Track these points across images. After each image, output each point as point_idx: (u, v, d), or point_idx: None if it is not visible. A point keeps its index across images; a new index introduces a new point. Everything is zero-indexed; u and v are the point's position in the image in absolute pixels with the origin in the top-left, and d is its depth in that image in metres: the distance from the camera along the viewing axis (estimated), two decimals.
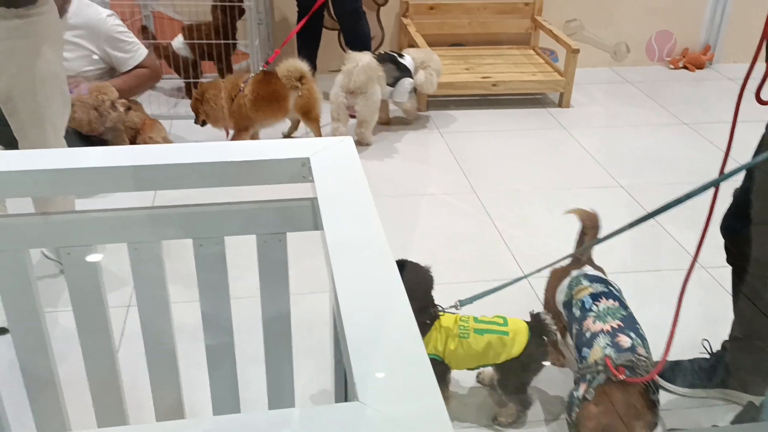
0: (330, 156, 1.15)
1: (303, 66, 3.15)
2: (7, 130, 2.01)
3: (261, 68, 3.17)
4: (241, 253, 1.37)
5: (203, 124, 3.23)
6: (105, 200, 2.59)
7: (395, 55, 3.48)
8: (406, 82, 3.43)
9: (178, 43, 3.70)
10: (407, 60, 3.44)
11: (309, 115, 3.23)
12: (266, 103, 3.14)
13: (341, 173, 1.11)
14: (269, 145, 1.19)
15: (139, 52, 3.08)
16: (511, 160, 3.30)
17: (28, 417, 1.27)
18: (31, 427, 1.29)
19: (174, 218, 1.20)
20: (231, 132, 3.25)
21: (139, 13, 3.85)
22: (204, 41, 3.69)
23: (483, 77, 3.86)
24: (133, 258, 1.19)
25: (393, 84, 3.40)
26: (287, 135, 3.47)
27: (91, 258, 1.18)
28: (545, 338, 1.79)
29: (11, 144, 2.19)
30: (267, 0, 3.96)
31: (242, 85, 3.11)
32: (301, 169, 1.15)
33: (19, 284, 1.16)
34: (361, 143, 3.32)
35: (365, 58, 3.20)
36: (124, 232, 1.18)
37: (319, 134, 3.29)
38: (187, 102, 3.66)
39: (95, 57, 3.00)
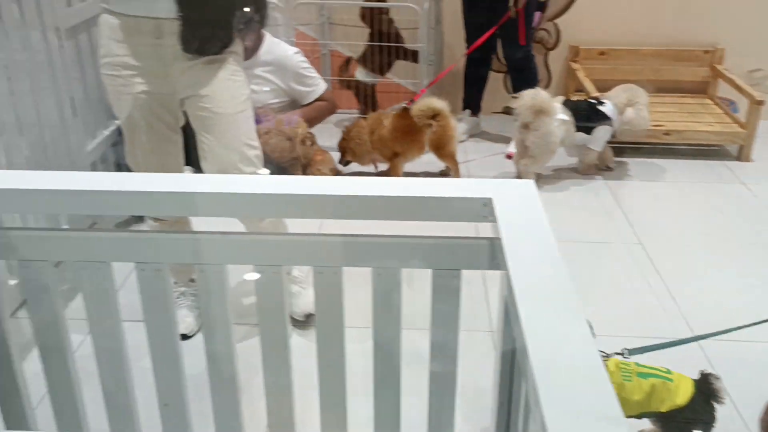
0: (513, 197, 1.16)
1: (438, 104, 3.24)
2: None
3: (403, 105, 3.36)
4: (414, 287, 1.41)
5: (347, 163, 3.45)
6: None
7: (593, 101, 3.44)
8: (602, 130, 3.38)
9: (361, 74, 3.91)
10: (607, 107, 3.39)
11: (441, 151, 3.34)
12: (402, 138, 3.30)
13: (524, 215, 1.12)
14: (451, 183, 1.22)
15: (319, 86, 3.28)
16: (681, 213, 3.13)
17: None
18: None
19: (355, 246, 1.26)
20: (379, 167, 3.42)
21: (318, 51, 4.10)
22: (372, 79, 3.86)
23: (655, 125, 3.71)
24: (317, 281, 1.26)
25: (589, 131, 3.36)
26: (446, 172, 3.53)
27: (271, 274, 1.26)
28: (714, 403, 1.67)
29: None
30: (438, 42, 4.08)
31: (384, 120, 3.31)
32: (482, 209, 1.17)
33: (216, 297, 1.27)
34: (521, 176, 3.31)
35: (536, 92, 3.21)
36: (311, 255, 1.26)
37: (456, 169, 3.39)
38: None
39: (281, 90, 3.24)
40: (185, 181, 1.24)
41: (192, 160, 2.13)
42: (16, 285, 2.22)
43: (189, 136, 2.05)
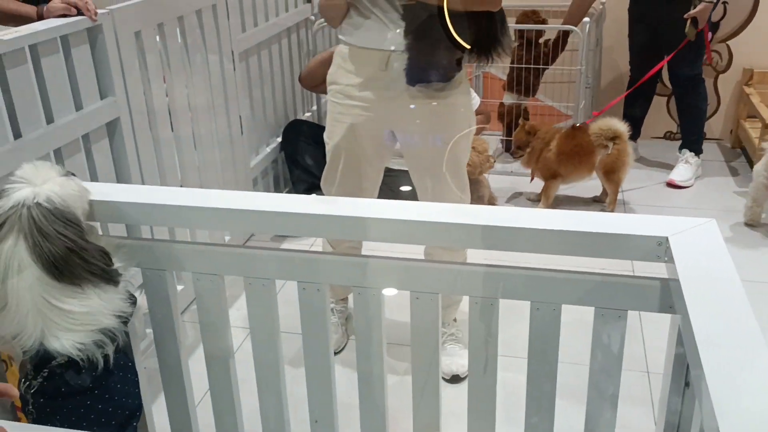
0: (692, 237, 1.08)
1: (620, 127, 3.09)
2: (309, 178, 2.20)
3: (574, 124, 3.24)
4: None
5: (519, 156, 3.36)
6: None
7: None
8: None
9: (508, 97, 3.84)
10: None
11: (612, 176, 3.17)
12: (569, 158, 3.17)
13: (707, 257, 1.03)
14: (624, 220, 1.15)
15: (475, 99, 3.27)
16: None
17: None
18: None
19: (512, 278, 1.22)
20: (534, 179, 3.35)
21: (470, 72, 4.10)
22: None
23: None
24: (472, 311, 1.24)
25: None
26: (599, 199, 3.38)
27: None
28: None
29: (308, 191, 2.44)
30: (597, 64, 3.94)
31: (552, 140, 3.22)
32: (656, 248, 1.09)
33: (371, 321, 1.28)
34: (751, 224, 3.09)
35: None
36: (467, 285, 1.24)
37: (614, 198, 3.21)
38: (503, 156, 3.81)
39: None
40: (356, 206, 1.26)
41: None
42: (182, 290, 2.39)
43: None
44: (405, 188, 2.14)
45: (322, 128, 3.48)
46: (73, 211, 1.12)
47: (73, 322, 1.07)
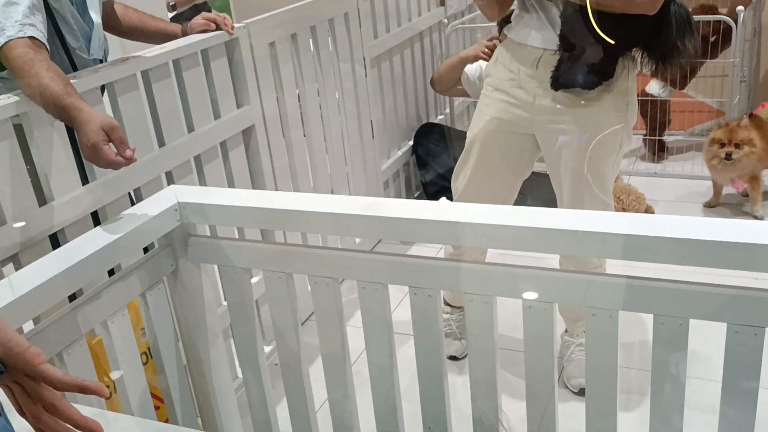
0: None
1: None
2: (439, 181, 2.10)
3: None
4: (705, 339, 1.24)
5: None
6: None
7: None
8: None
9: (656, 87, 3.59)
10: None
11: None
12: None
13: None
14: (753, 226, 1.04)
15: None
16: None
17: None
18: None
19: (634, 290, 1.15)
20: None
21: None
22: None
23: None
24: (590, 324, 1.18)
25: None
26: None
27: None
28: None
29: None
30: (755, 57, 3.62)
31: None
32: None
33: (482, 328, 1.26)
34: None
35: None
36: (585, 294, 1.18)
37: (756, 203, 2.95)
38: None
39: None
40: (481, 212, 1.24)
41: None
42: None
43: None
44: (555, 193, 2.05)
45: (454, 131, 3.50)
46: None
47: None
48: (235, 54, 2.13)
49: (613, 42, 1.67)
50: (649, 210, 2.98)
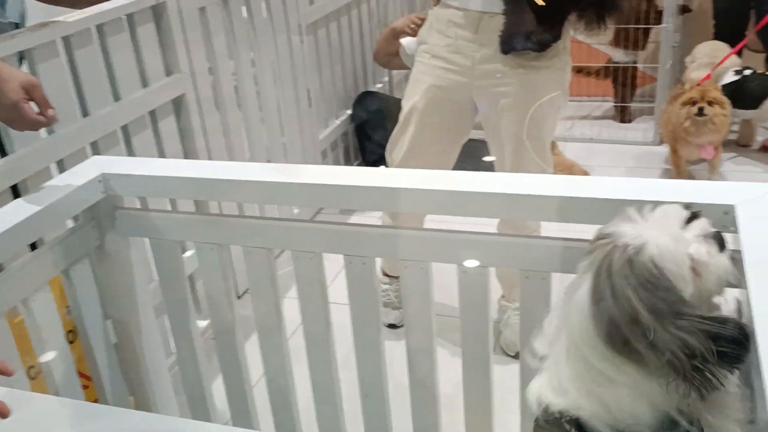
0: (761, 207, 0.98)
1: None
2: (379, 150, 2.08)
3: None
4: None
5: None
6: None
7: None
8: None
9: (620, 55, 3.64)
10: None
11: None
12: None
13: None
14: (689, 187, 1.06)
15: None
16: None
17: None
18: None
19: (570, 251, 1.16)
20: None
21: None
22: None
23: None
24: (524, 284, 1.19)
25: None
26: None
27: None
28: None
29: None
30: (683, 24, 3.70)
31: None
32: (722, 218, 1.00)
33: (418, 295, 1.25)
34: None
35: None
36: (519, 258, 1.18)
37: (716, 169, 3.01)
38: (589, 123, 3.64)
39: None
40: (419, 178, 1.22)
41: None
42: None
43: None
44: (488, 158, 2.04)
45: (394, 99, 3.47)
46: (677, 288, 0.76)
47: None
48: (163, 19, 2.04)
49: (558, 2, 1.67)
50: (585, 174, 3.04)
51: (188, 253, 2.01)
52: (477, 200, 1.14)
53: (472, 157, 2.47)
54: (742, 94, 3.05)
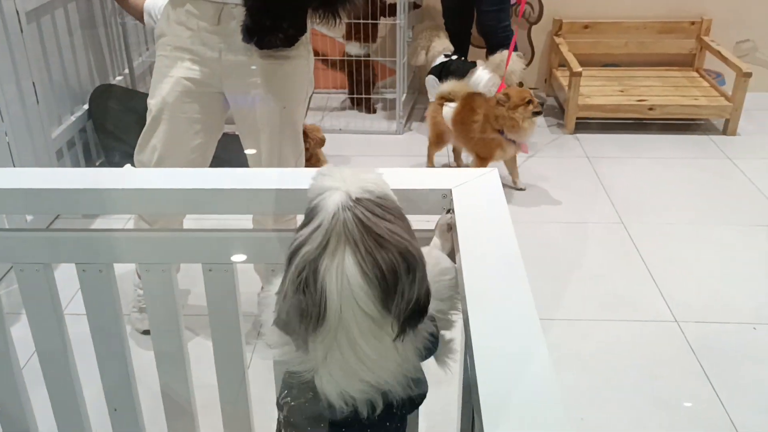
0: (474, 188, 1.09)
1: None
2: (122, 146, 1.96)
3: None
4: None
5: None
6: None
7: None
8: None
9: (355, 48, 3.79)
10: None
11: None
12: None
13: (483, 207, 1.05)
14: (412, 175, 1.15)
15: None
16: (665, 191, 3.08)
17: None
18: None
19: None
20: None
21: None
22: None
23: (638, 100, 3.64)
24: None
25: None
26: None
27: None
28: None
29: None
30: (419, 18, 3.98)
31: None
32: (442, 201, 1.10)
33: (161, 298, 1.20)
34: None
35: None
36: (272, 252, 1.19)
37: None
38: (337, 114, 3.76)
39: None
40: (170, 176, 1.16)
41: None
42: None
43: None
44: (250, 151, 2.00)
45: (135, 93, 3.28)
46: (395, 201, 0.82)
47: (359, 366, 0.79)
48: None
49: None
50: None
51: None
52: (228, 197, 1.12)
53: (227, 152, 2.43)
54: (446, 74, 3.45)
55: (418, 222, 1.16)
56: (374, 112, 3.95)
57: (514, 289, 0.86)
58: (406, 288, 0.77)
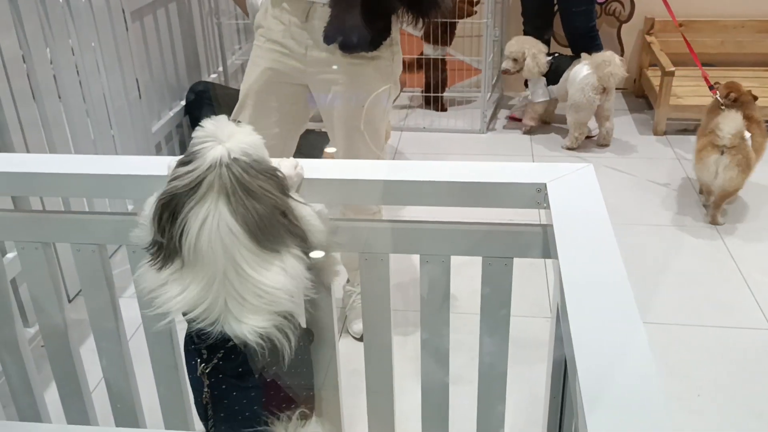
0: (570, 183, 1.09)
1: None
2: None
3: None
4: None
5: None
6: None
7: None
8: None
9: (430, 49, 3.81)
10: None
11: None
12: None
13: (580, 202, 1.05)
14: (505, 168, 1.16)
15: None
16: (760, 195, 2.94)
17: None
18: None
19: (404, 233, 1.22)
20: None
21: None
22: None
23: None
24: (363, 266, 1.23)
25: None
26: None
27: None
28: None
29: None
30: (503, 16, 3.96)
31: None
32: (536, 195, 1.11)
33: None
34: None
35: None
36: (357, 242, 1.23)
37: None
38: (421, 113, 3.78)
39: None
40: None
41: None
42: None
43: None
44: (330, 149, 2.06)
45: (229, 90, 3.40)
46: (269, 163, 0.95)
47: (258, 300, 0.90)
48: None
49: (385, 2, 1.71)
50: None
51: (10, 255, 1.86)
52: (308, 186, 1.16)
53: (312, 149, 2.49)
54: (552, 73, 3.45)
55: (511, 215, 1.17)
56: (445, 110, 3.94)
57: (615, 287, 0.85)
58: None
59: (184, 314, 0.95)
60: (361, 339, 2.06)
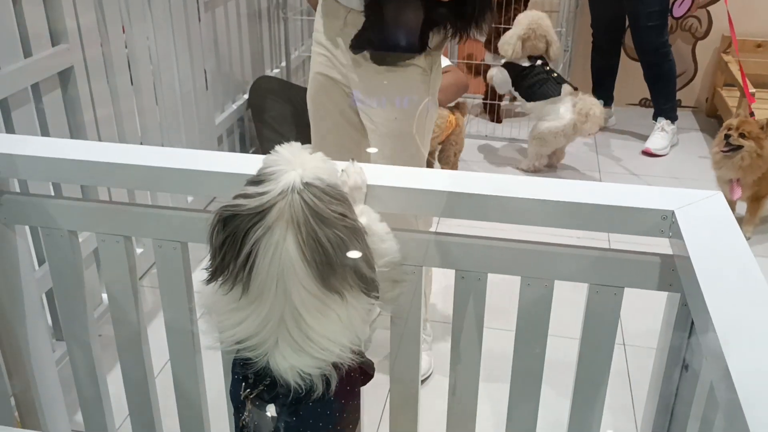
0: (701, 211, 1.00)
1: None
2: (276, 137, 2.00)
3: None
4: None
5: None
6: None
7: None
8: None
9: (490, 57, 3.72)
10: None
11: None
12: None
13: (715, 232, 0.95)
14: (628, 191, 1.07)
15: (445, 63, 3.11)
16: None
17: None
18: None
19: (500, 252, 1.14)
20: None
21: None
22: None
23: None
24: (458, 286, 1.16)
25: None
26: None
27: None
28: None
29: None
30: (575, 27, 3.85)
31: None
32: (660, 223, 1.01)
33: None
34: None
35: None
36: (454, 258, 1.15)
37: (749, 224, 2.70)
38: (481, 121, 3.70)
39: None
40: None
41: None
42: (141, 254, 2.26)
43: None
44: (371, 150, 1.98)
45: (291, 85, 3.36)
46: (342, 189, 0.90)
47: (308, 345, 0.85)
48: None
49: (422, 15, 1.62)
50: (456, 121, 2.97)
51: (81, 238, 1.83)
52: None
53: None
54: (522, 81, 3.21)
55: (631, 244, 1.08)
56: (500, 121, 3.82)
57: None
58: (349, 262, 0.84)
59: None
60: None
